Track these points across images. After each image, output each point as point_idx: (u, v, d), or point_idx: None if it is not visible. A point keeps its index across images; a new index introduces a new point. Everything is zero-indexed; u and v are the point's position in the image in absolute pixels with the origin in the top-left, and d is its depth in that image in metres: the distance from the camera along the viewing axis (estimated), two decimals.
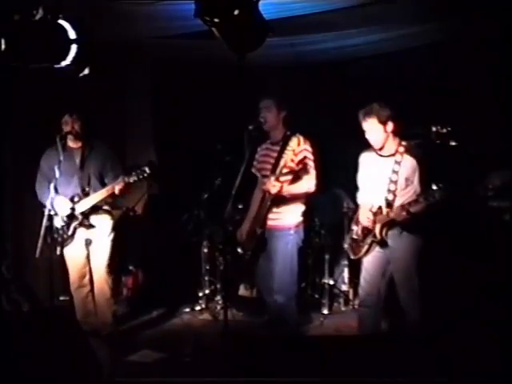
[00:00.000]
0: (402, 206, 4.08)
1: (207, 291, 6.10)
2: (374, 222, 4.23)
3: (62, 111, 4.83)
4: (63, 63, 3.38)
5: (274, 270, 4.52)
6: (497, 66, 5.48)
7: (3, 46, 3.26)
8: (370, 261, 4.38)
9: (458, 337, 4.22)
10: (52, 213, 4.70)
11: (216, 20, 3.33)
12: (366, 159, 4.41)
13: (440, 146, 4.50)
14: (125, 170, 4.93)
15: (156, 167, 4.75)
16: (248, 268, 4.74)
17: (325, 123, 6.20)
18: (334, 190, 6.24)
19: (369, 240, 4.31)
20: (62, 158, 4.62)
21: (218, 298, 5.99)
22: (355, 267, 6.10)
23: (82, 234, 4.84)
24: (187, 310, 6.01)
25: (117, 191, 4.75)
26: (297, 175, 4.43)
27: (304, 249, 4.77)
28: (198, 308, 6.02)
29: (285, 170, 4.35)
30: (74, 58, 3.37)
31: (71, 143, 4.86)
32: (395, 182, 4.15)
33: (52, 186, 4.64)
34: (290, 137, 4.47)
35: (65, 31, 3.34)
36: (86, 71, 3.52)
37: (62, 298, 5.67)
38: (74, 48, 3.36)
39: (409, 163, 4.16)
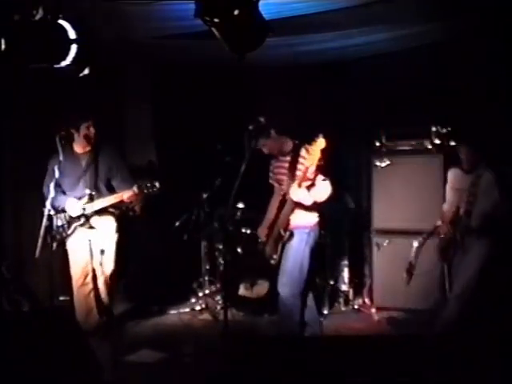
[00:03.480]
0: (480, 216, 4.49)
1: (207, 291, 6.11)
2: (454, 233, 4.62)
3: (78, 116, 4.86)
4: (63, 63, 3.39)
5: (284, 266, 4.56)
6: (497, 66, 5.48)
7: (3, 46, 3.26)
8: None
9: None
10: (52, 213, 4.70)
11: (216, 20, 3.33)
12: (451, 174, 4.90)
13: None
14: (131, 172, 4.96)
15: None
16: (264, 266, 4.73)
17: (325, 124, 6.18)
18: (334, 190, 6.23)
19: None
20: (61, 159, 4.61)
21: (218, 298, 6.00)
22: (355, 267, 6.13)
23: (85, 233, 4.85)
24: (187, 309, 6.02)
25: (126, 199, 4.79)
26: (313, 183, 4.46)
27: (315, 250, 4.73)
28: (198, 308, 6.03)
29: (305, 180, 4.39)
30: (74, 58, 3.37)
31: (79, 148, 4.88)
32: (474, 195, 4.54)
33: (52, 185, 4.64)
34: (300, 146, 4.55)
35: (65, 31, 3.34)
36: (86, 71, 3.52)
37: (61, 298, 5.66)
38: (73, 48, 3.36)
39: (488, 178, 4.54)
